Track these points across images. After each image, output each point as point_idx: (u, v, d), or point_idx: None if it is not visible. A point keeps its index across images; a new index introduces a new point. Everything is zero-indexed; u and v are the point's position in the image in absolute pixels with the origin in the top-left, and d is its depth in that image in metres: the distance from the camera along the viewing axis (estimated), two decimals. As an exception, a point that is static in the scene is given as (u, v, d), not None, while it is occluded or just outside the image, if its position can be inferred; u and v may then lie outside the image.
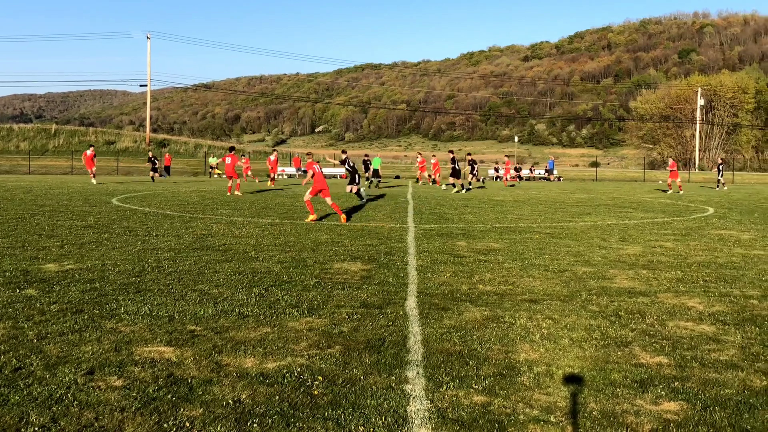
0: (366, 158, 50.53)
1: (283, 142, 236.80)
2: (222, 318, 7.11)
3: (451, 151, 37.05)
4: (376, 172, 40.92)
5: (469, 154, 42.26)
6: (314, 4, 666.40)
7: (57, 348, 5.97)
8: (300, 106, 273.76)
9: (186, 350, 5.99)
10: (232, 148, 30.24)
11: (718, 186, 45.40)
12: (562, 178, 64.36)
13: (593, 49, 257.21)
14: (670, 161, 40.03)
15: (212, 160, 58.52)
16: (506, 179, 49.39)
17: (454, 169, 34.21)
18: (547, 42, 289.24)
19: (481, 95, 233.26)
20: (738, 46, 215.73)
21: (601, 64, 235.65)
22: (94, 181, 38.22)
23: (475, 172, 42.40)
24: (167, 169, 57.63)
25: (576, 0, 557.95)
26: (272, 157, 40.80)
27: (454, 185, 35.03)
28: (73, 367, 5.48)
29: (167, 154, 62.56)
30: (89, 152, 38.78)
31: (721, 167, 46.12)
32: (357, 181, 22.65)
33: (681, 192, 36.78)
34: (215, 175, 55.15)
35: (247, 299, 7.98)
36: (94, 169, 38.77)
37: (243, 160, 46.43)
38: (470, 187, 38.23)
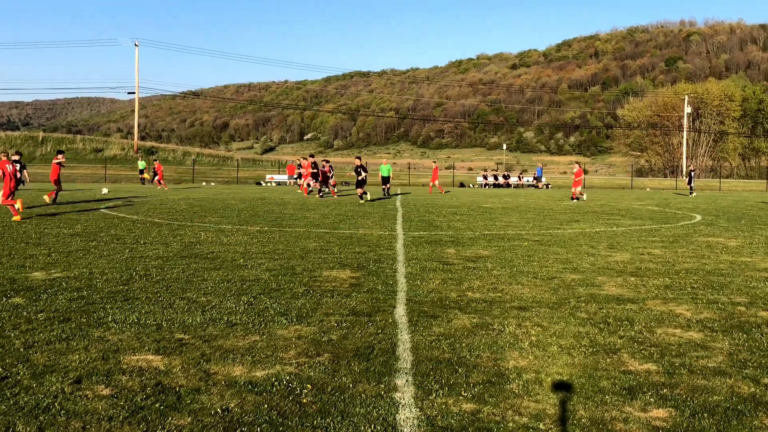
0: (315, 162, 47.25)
1: (271, 149, 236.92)
2: (210, 326, 7.08)
3: (359, 157, 34.42)
4: (386, 180, 38.38)
5: (313, 158, 37.92)
6: (303, 12, 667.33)
7: (44, 357, 5.93)
8: (289, 114, 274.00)
9: (174, 359, 5.96)
10: (60, 152, 27.89)
11: (691, 193, 46.28)
12: (550, 186, 64.55)
13: (581, 57, 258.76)
14: (577, 167, 37.16)
15: (141, 164, 57.22)
16: (433, 186, 45.07)
17: (358, 180, 32.00)
18: (534, 50, 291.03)
19: (470, 103, 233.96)
20: (724, 54, 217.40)
21: (588, 72, 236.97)
22: None
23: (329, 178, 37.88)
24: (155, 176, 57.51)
25: (563, 8, 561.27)
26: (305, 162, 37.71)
27: (361, 196, 31.66)
28: (60, 375, 5.44)
29: (157, 162, 62.41)
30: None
31: (692, 174, 47.36)
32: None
33: (584, 197, 35.72)
34: (147, 182, 54.21)
35: (235, 307, 7.96)
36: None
37: (155, 165, 46.50)
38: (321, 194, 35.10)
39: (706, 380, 5.60)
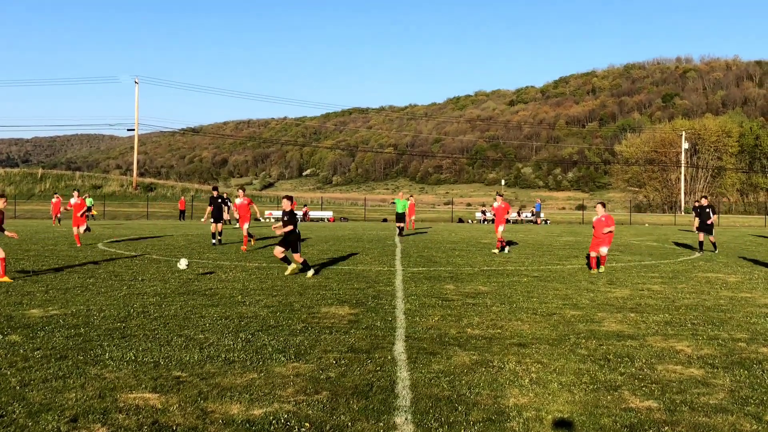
0: (220, 195, 26.98)
1: (270, 185, 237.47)
2: (208, 364, 7.03)
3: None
4: (401, 216, 32.53)
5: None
6: (301, 49, 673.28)
7: (40, 395, 5.88)
8: (287, 150, 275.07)
9: (171, 397, 5.91)
10: None
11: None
12: (549, 221, 64.57)
13: (578, 94, 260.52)
14: (499, 200, 23.65)
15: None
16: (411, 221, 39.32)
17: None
18: (532, 87, 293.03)
19: (468, 139, 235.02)
20: (721, 90, 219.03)
21: (585, 108, 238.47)
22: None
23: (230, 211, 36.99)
24: (182, 213, 58.04)
25: (560, 46, 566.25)
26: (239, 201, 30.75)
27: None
28: (57, 414, 5.39)
29: (182, 198, 62.95)
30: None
31: (709, 211, 45.45)
32: None
33: (497, 251, 22.49)
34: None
35: (233, 344, 7.91)
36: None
37: (55, 199, 45.38)
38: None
39: (707, 417, 5.55)
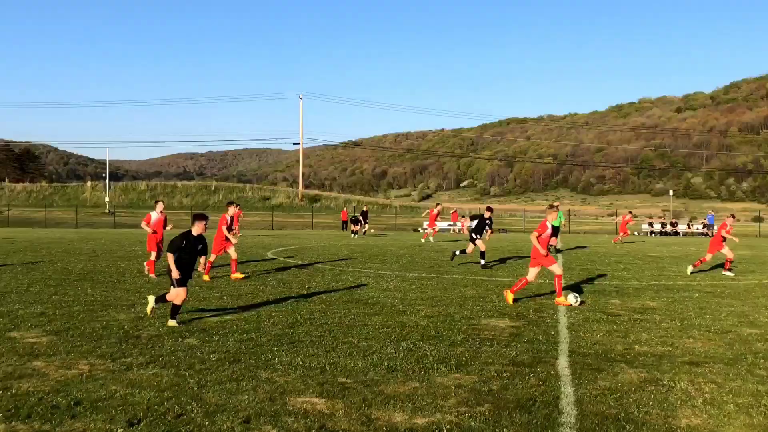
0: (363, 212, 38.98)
1: (429, 197, 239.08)
2: (371, 371, 7.17)
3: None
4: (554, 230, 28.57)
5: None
6: (457, 59, 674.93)
7: (216, 396, 6.20)
8: (445, 161, 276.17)
9: (337, 402, 6.07)
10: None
11: None
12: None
13: (751, 99, 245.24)
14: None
15: None
16: (621, 236, 37.28)
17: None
18: (701, 92, 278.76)
19: (632, 148, 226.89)
20: None
21: (760, 115, 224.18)
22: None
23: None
24: (345, 224, 59.95)
25: (730, 49, 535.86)
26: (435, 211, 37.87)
27: None
28: (231, 415, 5.67)
29: (345, 209, 65.50)
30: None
31: None
32: None
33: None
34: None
35: (395, 353, 8.02)
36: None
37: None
38: None
39: None
